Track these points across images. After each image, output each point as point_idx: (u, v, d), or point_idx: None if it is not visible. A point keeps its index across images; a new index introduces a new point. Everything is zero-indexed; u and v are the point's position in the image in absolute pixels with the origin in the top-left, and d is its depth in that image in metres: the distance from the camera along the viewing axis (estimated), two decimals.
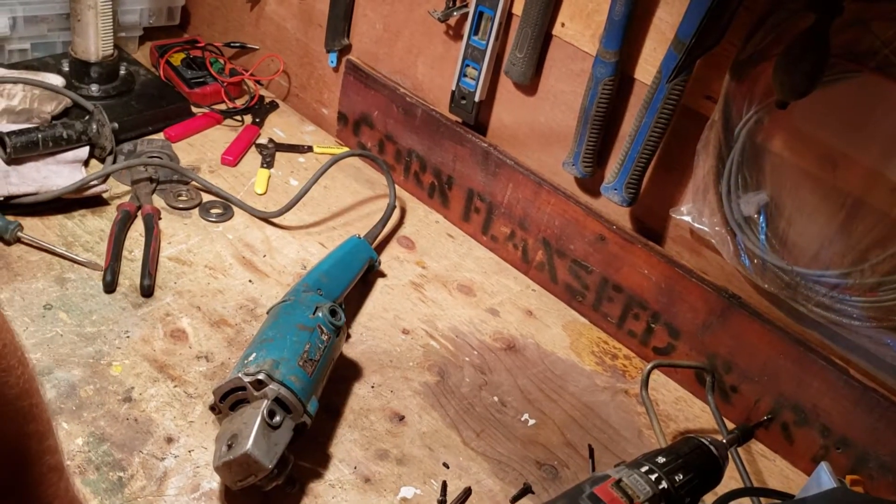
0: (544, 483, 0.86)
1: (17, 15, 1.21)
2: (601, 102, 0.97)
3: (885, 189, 0.81)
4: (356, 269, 1.00)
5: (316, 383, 0.78)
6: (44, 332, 0.88)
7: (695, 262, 1.01)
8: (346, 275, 0.97)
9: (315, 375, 0.78)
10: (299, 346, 0.78)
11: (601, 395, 0.99)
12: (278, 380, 0.74)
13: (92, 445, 0.78)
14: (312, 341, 0.80)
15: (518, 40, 1.03)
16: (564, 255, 1.09)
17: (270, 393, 0.73)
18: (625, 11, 0.90)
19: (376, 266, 1.06)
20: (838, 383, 0.89)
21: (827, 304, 0.86)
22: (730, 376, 0.98)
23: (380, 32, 1.22)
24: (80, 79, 1.21)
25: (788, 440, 0.95)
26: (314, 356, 0.79)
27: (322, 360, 0.80)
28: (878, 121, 0.80)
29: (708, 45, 0.86)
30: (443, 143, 1.16)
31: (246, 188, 1.17)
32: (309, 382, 0.77)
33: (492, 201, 1.14)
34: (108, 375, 0.85)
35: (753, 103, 0.87)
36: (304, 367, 0.77)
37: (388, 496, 0.81)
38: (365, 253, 1.03)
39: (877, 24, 0.77)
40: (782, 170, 0.88)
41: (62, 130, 1.08)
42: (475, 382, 0.96)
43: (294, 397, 0.74)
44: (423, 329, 1.02)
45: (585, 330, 1.08)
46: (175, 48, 1.36)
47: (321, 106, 1.34)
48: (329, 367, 0.82)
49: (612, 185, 1.00)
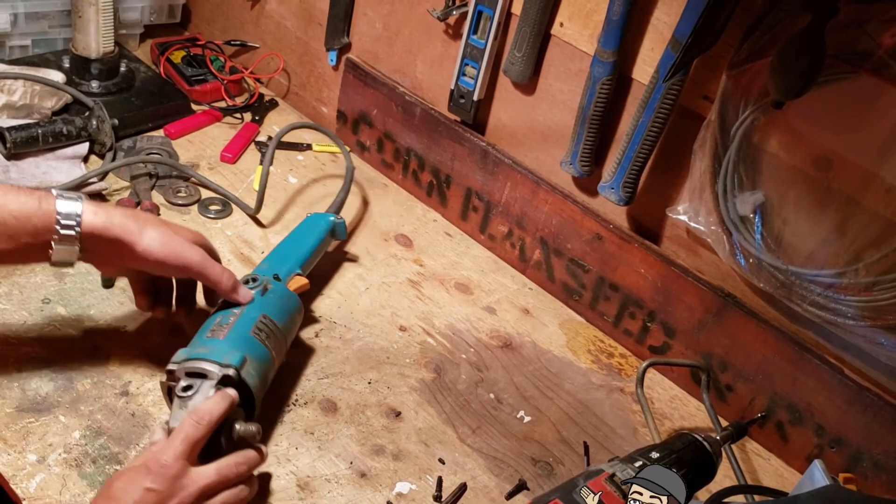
0: (539, 479, 0.86)
1: (18, 11, 1.22)
2: (599, 102, 0.98)
3: (879, 189, 0.82)
4: (311, 239, 0.99)
5: (234, 341, 0.78)
6: (42, 326, 0.88)
7: (691, 261, 1.01)
8: (298, 247, 0.97)
9: (231, 335, 0.78)
10: (210, 323, 0.81)
11: (597, 393, 0.99)
12: (182, 359, 0.76)
13: (89, 439, 0.78)
14: (224, 313, 0.81)
15: (517, 40, 1.04)
16: (561, 253, 1.09)
17: (179, 373, 0.75)
18: (623, 12, 0.91)
19: (339, 229, 1.04)
20: (833, 382, 0.90)
21: (822, 303, 0.87)
22: (725, 375, 0.98)
23: (379, 31, 1.23)
24: (80, 75, 1.21)
25: (783, 439, 0.96)
26: (226, 321, 0.80)
27: (240, 321, 0.80)
28: (873, 121, 0.81)
29: (705, 46, 0.86)
30: (441, 141, 1.17)
31: (245, 185, 1.18)
32: (221, 343, 0.77)
33: (490, 200, 1.15)
34: (106, 369, 0.86)
35: (749, 103, 0.87)
36: (212, 336, 0.78)
37: (383, 491, 0.81)
38: (322, 223, 1.02)
39: (872, 25, 0.77)
40: (778, 170, 0.88)
41: (62, 126, 1.09)
42: (471, 379, 0.97)
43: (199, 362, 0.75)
44: (420, 326, 1.02)
45: (582, 328, 1.09)
46: (175, 46, 1.36)
47: (320, 104, 1.35)
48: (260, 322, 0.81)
49: (609, 184, 1.00)
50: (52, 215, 0.72)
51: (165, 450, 0.68)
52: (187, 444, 0.69)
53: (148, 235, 0.76)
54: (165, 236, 0.77)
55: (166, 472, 0.66)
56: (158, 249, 0.76)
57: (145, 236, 0.76)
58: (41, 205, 0.72)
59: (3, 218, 0.70)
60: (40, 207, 0.72)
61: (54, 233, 0.72)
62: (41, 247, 0.73)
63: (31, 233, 0.72)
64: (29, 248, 0.73)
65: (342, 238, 1.06)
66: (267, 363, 0.80)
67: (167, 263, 0.78)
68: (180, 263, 0.78)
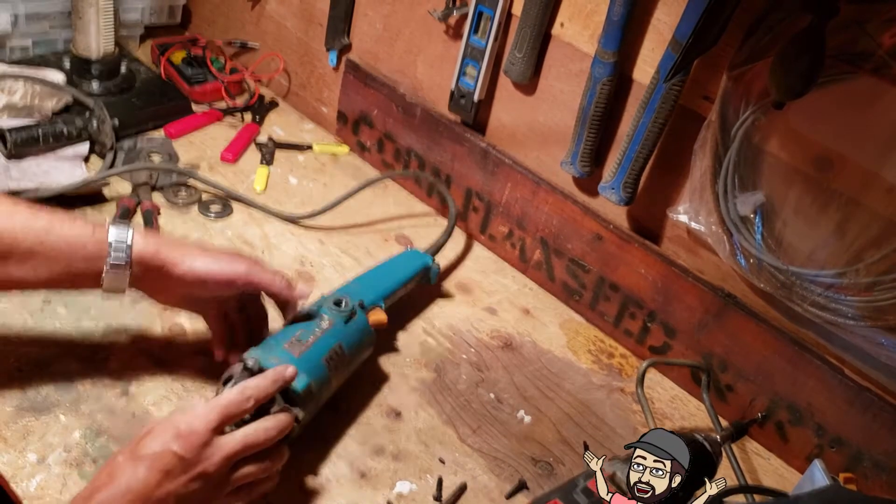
0: (539, 479, 0.86)
1: (18, 12, 1.22)
2: (599, 102, 0.98)
3: (880, 189, 0.82)
4: (402, 274, 0.98)
5: (307, 362, 0.78)
6: (42, 326, 0.88)
7: (691, 261, 1.01)
8: (388, 279, 0.96)
9: (306, 355, 0.78)
10: (290, 332, 0.81)
11: (597, 393, 0.99)
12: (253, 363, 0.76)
13: (89, 438, 0.78)
14: (306, 327, 0.81)
15: (517, 40, 1.04)
16: (562, 254, 1.09)
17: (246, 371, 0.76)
18: (623, 12, 0.91)
19: (432, 273, 1.02)
20: (833, 382, 0.90)
21: (822, 303, 0.87)
22: (725, 375, 0.98)
23: (380, 32, 1.23)
24: (80, 76, 1.21)
25: (783, 439, 0.96)
26: (305, 339, 0.80)
27: (318, 343, 0.80)
28: (874, 122, 0.81)
29: (705, 46, 0.86)
30: (442, 142, 1.17)
31: (245, 185, 1.18)
32: (294, 360, 0.77)
33: (490, 200, 1.15)
34: (106, 369, 0.86)
35: (750, 104, 0.87)
36: (289, 349, 0.78)
37: (383, 491, 0.81)
38: (417, 261, 1.01)
39: (872, 25, 0.77)
40: (778, 170, 0.88)
41: (63, 126, 1.09)
42: (472, 379, 0.97)
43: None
44: (420, 326, 1.02)
45: (582, 328, 1.09)
46: (176, 46, 1.36)
47: (321, 104, 1.35)
48: (333, 351, 0.81)
49: (609, 184, 1.00)
50: (104, 242, 0.73)
51: (200, 417, 0.68)
52: (223, 419, 0.69)
53: (190, 257, 0.77)
54: (207, 255, 0.79)
55: (194, 441, 0.66)
56: (200, 266, 0.77)
57: (187, 258, 0.77)
58: (94, 233, 0.74)
59: (59, 245, 0.72)
60: (93, 235, 0.74)
61: (106, 260, 0.73)
62: (93, 274, 0.74)
63: (84, 258, 0.73)
64: (82, 274, 0.74)
65: (430, 283, 1.03)
66: (326, 392, 0.81)
67: (212, 278, 0.78)
68: (226, 276, 0.78)
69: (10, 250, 0.70)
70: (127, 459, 0.65)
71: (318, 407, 0.81)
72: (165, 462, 0.65)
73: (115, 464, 0.65)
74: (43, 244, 0.71)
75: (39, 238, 0.71)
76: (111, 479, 0.64)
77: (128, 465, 0.65)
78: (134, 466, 0.64)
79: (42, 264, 0.72)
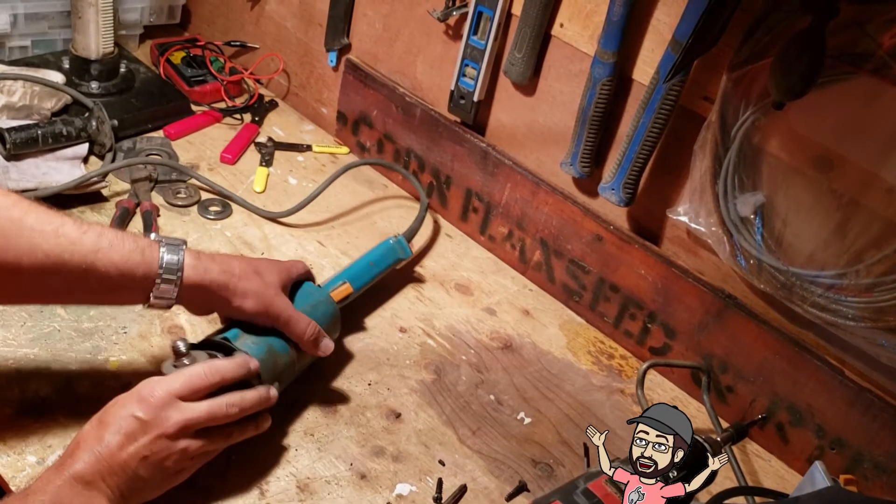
0: (539, 481, 0.86)
1: (17, 12, 1.22)
2: (599, 103, 0.97)
3: (880, 190, 0.81)
4: (369, 254, 1.02)
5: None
6: (41, 327, 0.88)
7: (691, 262, 1.01)
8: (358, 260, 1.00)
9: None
10: None
11: (597, 395, 0.99)
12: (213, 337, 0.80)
13: None
14: None
15: (517, 40, 1.04)
16: (562, 254, 1.09)
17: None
18: (623, 12, 0.91)
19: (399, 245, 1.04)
20: (833, 384, 0.90)
21: (822, 304, 0.87)
22: (725, 376, 0.98)
23: (379, 32, 1.23)
24: (80, 76, 1.21)
25: (783, 440, 0.95)
26: None
27: None
28: (874, 122, 0.80)
29: (705, 47, 0.86)
30: (441, 142, 1.17)
31: (245, 186, 1.18)
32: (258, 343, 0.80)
33: (490, 201, 1.15)
34: (106, 371, 0.86)
35: (750, 104, 0.87)
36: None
37: (383, 493, 0.81)
38: (384, 242, 1.04)
39: (872, 26, 0.77)
40: (778, 171, 0.88)
41: (62, 127, 1.09)
42: (472, 381, 0.96)
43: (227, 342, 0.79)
44: (420, 327, 1.02)
45: (582, 329, 1.08)
46: (175, 46, 1.36)
47: (320, 105, 1.35)
48: None
49: (609, 185, 1.00)
50: (154, 265, 0.73)
51: (161, 383, 0.70)
52: (186, 386, 0.70)
53: (241, 291, 0.78)
54: (259, 290, 0.79)
55: (154, 403, 0.68)
56: (251, 307, 0.79)
57: (239, 292, 0.78)
58: (144, 256, 0.73)
59: (107, 270, 0.71)
60: (143, 259, 0.73)
61: (155, 282, 0.74)
62: (139, 294, 0.75)
63: (131, 281, 0.73)
64: (128, 294, 0.75)
65: (405, 255, 1.04)
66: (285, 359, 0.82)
67: (258, 319, 0.80)
68: (271, 317, 0.80)
69: (56, 270, 0.69)
70: (93, 427, 0.68)
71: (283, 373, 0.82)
72: (128, 425, 0.67)
73: (82, 434, 0.68)
74: (91, 266, 0.70)
75: (87, 259, 0.70)
76: (78, 447, 0.67)
77: (93, 432, 0.67)
78: (98, 433, 0.67)
79: (88, 286, 0.71)
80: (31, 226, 0.68)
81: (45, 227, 0.69)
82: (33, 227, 0.68)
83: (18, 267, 0.67)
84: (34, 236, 0.68)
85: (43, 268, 0.68)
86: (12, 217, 0.68)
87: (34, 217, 0.69)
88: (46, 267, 0.68)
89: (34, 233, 0.68)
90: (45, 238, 0.68)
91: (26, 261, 0.67)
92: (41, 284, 0.70)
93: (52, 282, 0.70)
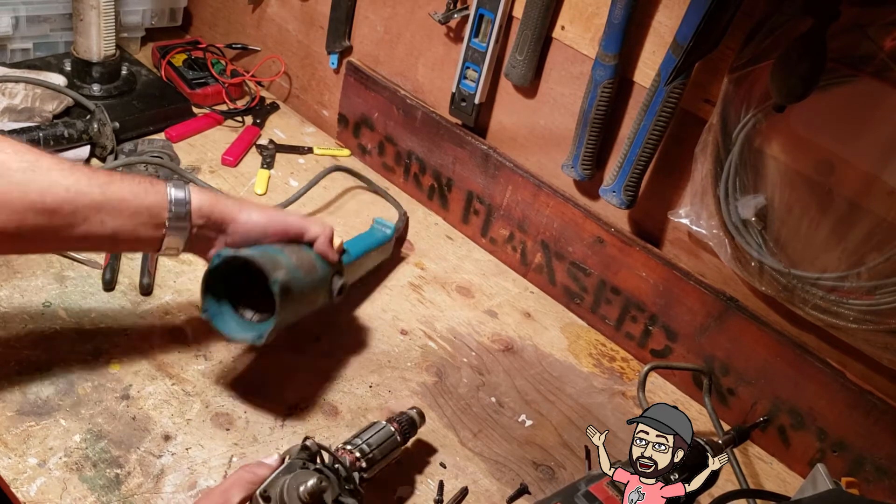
0: (541, 483, 0.86)
1: (19, 14, 1.22)
2: (600, 105, 0.98)
3: (881, 193, 0.82)
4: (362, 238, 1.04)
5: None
6: (43, 329, 0.88)
7: (692, 264, 1.01)
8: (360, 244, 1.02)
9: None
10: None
11: (598, 397, 0.99)
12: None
13: (89, 442, 0.78)
14: None
15: (518, 43, 1.04)
16: (563, 257, 1.09)
17: None
18: (624, 15, 0.91)
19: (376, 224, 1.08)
20: (835, 386, 0.89)
21: (824, 306, 0.87)
22: (727, 379, 0.98)
23: (381, 34, 1.23)
24: (81, 78, 1.21)
25: (785, 443, 0.95)
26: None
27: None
28: (875, 125, 0.80)
29: (706, 49, 0.86)
30: (443, 145, 1.17)
31: (246, 188, 1.18)
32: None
33: (491, 203, 1.15)
34: (107, 373, 0.85)
35: (751, 107, 0.87)
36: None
37: (384, 495, 0.81)
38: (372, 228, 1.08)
39: (873, 29, 0.77)
40: (780, 173, 0.88)
41: (63, 129, 1.09)
42: (473, 383, 0.96)
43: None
44: (421, 330, 1.02)
45: (583, 332, 1.08)
46: (177, 49, 1.36)
47: (322, 107, 1.35)
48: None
49: (610, 187, 1.00)
50: (163, 195, 0.77)
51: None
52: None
53: (246, 210, 0.82)
54: (263, 208, 0.85)
55: None
56: (259, 216, 0.83)
57: (244, 211, 0.82)
58: (153, 186, 0.77)
59: (123, 195, 0.74)
60: (153, 187, 0.77)
61: (166, 214, 0.76)
62: (154, 227, 0.77)
63: (146, 209, 0.76)
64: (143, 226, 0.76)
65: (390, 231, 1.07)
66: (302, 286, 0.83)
67: (269, 228, 0.83)
68: (281, 226, 0.84)
69: (74, 205, 0.72)
70: None
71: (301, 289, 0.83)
72: None
73: None
74: (105, 195, 0.73)
75: (102, 189, 0.73)
76: None
77: None
78: None
79: (107, 217, 0.74)
80: (48, 166, 0.72)
81: (62, 164, 0.73)
82: (51, 166, 0.72)
83: (42, 204, 0.70)
84: (52, 174, 0.71)
85: (64, 202, 0.71)
86: (28, 159, 0.71)
87: (48, 159, 0.72)
88: (67, 201, 0.71)
89: (52, 171, 0.71)
90: (63, 175, 0.72)
91: (49, 198, 0.70)
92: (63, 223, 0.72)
93: (73, 218, 0.72)
